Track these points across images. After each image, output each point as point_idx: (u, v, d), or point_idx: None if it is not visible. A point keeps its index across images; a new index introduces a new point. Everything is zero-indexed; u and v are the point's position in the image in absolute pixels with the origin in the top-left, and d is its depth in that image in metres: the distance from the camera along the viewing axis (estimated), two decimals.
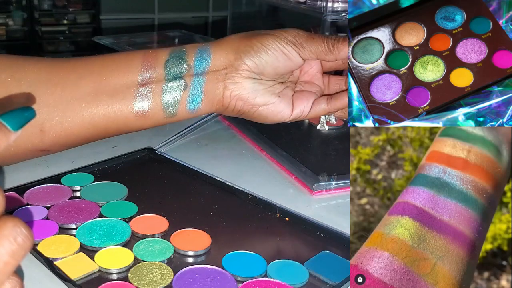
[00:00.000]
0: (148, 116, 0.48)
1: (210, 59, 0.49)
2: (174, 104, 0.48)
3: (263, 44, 0.48)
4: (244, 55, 0.48)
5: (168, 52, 0.49)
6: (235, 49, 0.49)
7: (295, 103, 0.50)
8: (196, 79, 0.49)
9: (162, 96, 0.48)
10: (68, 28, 3.13)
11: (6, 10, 2.99)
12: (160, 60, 0.49)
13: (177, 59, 0.49)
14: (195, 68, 0.49)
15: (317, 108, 0.51)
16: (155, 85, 0.48)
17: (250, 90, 0.49)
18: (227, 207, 0.50)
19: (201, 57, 0.49)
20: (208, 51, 0.49)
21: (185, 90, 0.48)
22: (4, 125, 0.29)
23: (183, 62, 0.48)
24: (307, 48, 0.49)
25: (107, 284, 0.38)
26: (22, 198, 0.48)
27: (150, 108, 0.48)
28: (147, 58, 0.48)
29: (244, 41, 0.49)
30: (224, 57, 0.49)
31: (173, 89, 0.48)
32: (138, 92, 0.48)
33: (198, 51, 0.49)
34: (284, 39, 0.48)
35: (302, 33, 0.49)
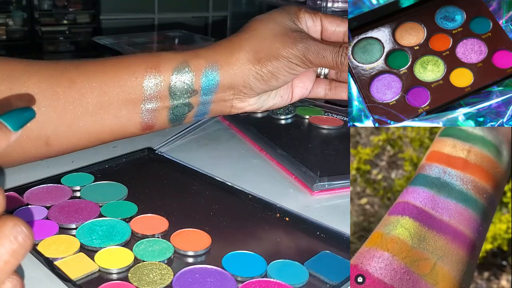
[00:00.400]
0: (154, 128, 0.49)
1: (218, 84, 0.47)
2: (180, 119, 0.49)
3: (273, 72, 0.47)
4: (254, 83, 0.47)
5: (172, 70, 0.47)
6: (245, 76, 0.47)
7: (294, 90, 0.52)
8: (202, 100, 0.48)
9: (168, 114, 0.48)
10: (68, 28, 3.13)
11: (6, 10, 2.99)
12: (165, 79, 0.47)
13: (182, 84, 0.47)
14: (202, 93, 0.48)
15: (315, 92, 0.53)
16: (161, 102, 0.47)
17: (257, 105, 0.51)
18: (227, 207, 0.50)
19: (208, 82, 0.47)
20: (216, 75, 0.47)
21: (190, 110, 0.49)
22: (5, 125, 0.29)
23: (189, 88, 0.47)
24: (315, 63, 0.48)
25: (107, 284, 0.38)
26: (22, 198, 0.48)
27: (156, 123, 0.49)
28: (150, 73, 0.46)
29: (254, 66, 0.47)
30: (231, 83, 0.47)
31: (179, 109, 0.48)
32: (144, 109, 0.47)
33: (205, 74, 0.47)
34: (294, 59, 0.47)
35: (312, 48, 0.47)
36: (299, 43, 0.47)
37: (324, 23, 0.51)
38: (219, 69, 0.47)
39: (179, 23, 3.00)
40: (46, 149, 0.47)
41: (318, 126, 0.69)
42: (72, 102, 0.46)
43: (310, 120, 0.70)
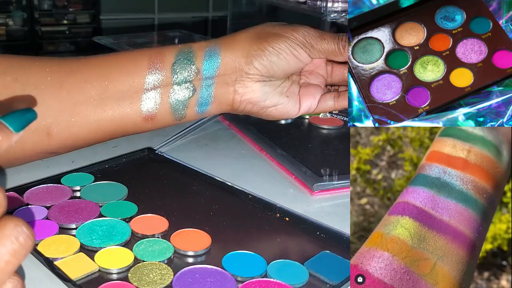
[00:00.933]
0: (156, 119, 0.48)
1: (220, 63, 0.47)
2: (182, 107, 0.48)
3: (274, 48, 0.47)
4: (255, 59, 0.47)
5: (175, 54, 0.47)
6: (245, 53, 0.47)
7: (302, 99, 0.51)
8: (205, 83, 0.48)
9: (170, 100, 0.47)
10: (68, 28, 3.13)
11: (6, 10, 2.99)
12: (167, 62, 0.47)
13: (184, 61, 0.47)
14: (204, 72, 0.47)
15: (324, 105, 0.52)
16: (163, 88, 0.47)
17: (260, 94, 0.49)
18: (227, 207, 0.50)
19: (210, 60, 0.47)
20: (217, 54, 0.47)
21: (193, 94, 0.48)
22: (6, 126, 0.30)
23: (191, 65, 0.47)
24: (317, 48, 0.48)
25: (107, 284, 0.38)
26: (22, 198, 0.48)
27: (158, 111, 0.48)
28: (153, 60, 0.47)
29: (255, 43, 0.47)
30: (234, 60, 0.47)
31: (181, 93, 0.47)
32: (146, 96, 0.47)
33: (207, 53, 0.47)
34: (294, 41, 0.47)
35: (312, 32, 0.48)
36: (299, 28, 0.48)
37: None
38: (221, 48, 0.48)
39: (179, 23, 3.00)
40: (47, 141, 0.46)
41: (318, 126, 0.69)
42: (74, 90, 0.46)
43: (310, 120, 0.70)
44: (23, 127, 0.30)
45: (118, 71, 0.47)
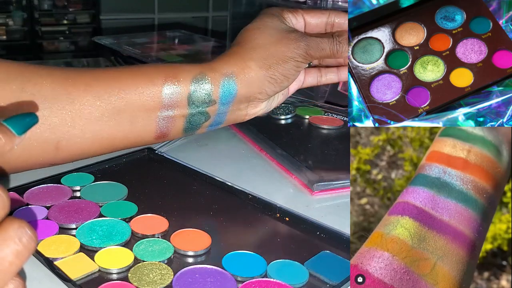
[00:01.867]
0: (168, 137, 0.50)
1: (235, 96, 0.48)
2: (195, 129, 0.50)
3: (285, 75, 0.49)
4: (269, 88, 0.49)
5: (191, 80, 0.47)
6: (260, 84, 0.49)
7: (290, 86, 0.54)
8: (219, 111, 0.49)
9: (184, 124, 0.49)
10: (68, 28, 3.13)
11: (6, 10, 2.99)
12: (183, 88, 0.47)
13: (201, 93, 0.47)
14: (220, 104, 0.48)
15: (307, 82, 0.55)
16: (178, 111, 0.47)
17: (266, 107, 0.52)
18: (227, 207, 0.50)
19: (227, 92, 0.48)
20: (234, 86, 0.48)
21: (207, 120, 0.49)
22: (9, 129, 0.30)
23: (208, 98, 0.48)
24: (315, 57, 0.50)
25: (107, 284, 0.38)
26: (22, 198, 0.48)
27: (171, 132, 0.49)
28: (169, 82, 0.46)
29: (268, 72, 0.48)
30: (248, 92, 0.49)
31: (196, 119, 0.49)
32: (160, 118, 0.47)
33: (224, 84, 0.48)
34: (298, 59, 0.49)
35: (312, 43, 0.49)
36: (300, 42, 0.49)
37: (306, 18, 0.53)
38: (236, 79, 0.48)
39: (179, 23, 3.00)
40: (54, 154, 0.45)
41: (318, 126, 0.69)
42: (87, 106, 0.44)
43: (310, 120, 0.70)
44: (25, 131, 0.31)
45: (132, 91, 0.46)
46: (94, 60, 1.15)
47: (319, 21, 0.53)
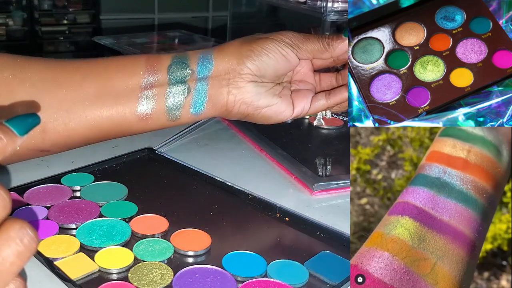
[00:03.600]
0: (151, 119, 0.49)
1: (213, 64, 0.49)
2: (177, 107, 0.49)
3: (263, 47, 0.49)
4: (246, 59, 0.49)
5: (171, 57, 0.50)
6: (237, 54, 0.49)
7: (295, 102, 0.52)
8: (199, 84, 0.49)
9: (165, 100, 0.49)
10: (68, 28, 3.13)
11: (6, 10, 2.99)
12: (163, 64, 0.49)
13: (180, 64, 0.49)
14: (198, 73, 0.49)
15: (317, 104, 0.53)
16: (159, 88, 0.48)
17: (253, 93, 0.50)
18: (227, 207, 0.50)
19: (204, 62, 0.49)
20: (211, 57, 0.50)
21: (188, 94, 0.49)
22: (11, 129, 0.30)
23: (186, 67, 0.49)
24: (303, 48, 0.50)
25: (107, 284, 0.38)
26: (22, 198, 0.48)
27: (153, 111, 0.49)
28: (150, 62, 0.49)
29: (245, 45, 0.50)
30: (226, 62, 0.49)
31: (177, 93, 0.49)
32: (142, 95, 0.48)
33: (201, 57, 0.50)
34: (282, 42, 0.50)
35: (297, 34, 0.51)
36: (285, 32, 0.51)
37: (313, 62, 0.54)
38: (214, 52, 0.50)
39: (179, 23, 3.00)
40: (41, 138, 0.47)
41: (318, 126, 0.69)
42: (72, 89, 0.47)
43: (310, 120, 0.70)
44: (27, 131, 0.31)
45: (116, 71, 0.48)
46: None
47: None
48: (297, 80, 0.53)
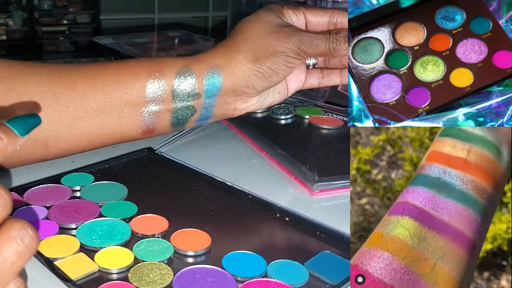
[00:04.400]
0: (155, 132, 0.49)
1: (221, 87, 0.48)
2: (182, 124, 0.49)
3: (274, 69, 0.47)
4: (256, 83, 0.48)
5: (175, 73, 0.47)
6: (246, 77, 0.47)
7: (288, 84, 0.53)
8: (205, 104, 0.48)
9: (170, 118, 0.48)
10: (68, 28, 3.13)
11: (6, 10, 2.99)
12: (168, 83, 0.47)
13: (186, 87, 0.47)
14: (205, 96, 0.48)
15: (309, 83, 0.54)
16: (163, 105, 0.47)
17: (258, 103, 0.51)
18: (227, 207, 0.50)
19: (211, 84, 0.47)
20: (218, 78, 0.47)
21: (194, 114, 0.49)
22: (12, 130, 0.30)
23: (192, 91, 0.47)
24: (309, 53, 0.48)
25: (107, 284, 0.38)
26: (22, 198, 0.48)
27: (158, 127, 0.48)
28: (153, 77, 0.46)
29: (255, 66, 0.47)
30: (235, 85, 0.48)
31: (182, 113, 0.48)
32: (146, 111, 0.47)
33: (208, 77, 0.47)
34: (289, 54, 0.47)
35: (305, 39, 0.48)
36: (292, 36, 0.47)
37: (307, 16, 0.51)
38: (221, 72, 0.47)
39: (179, 23, 3.00)
40: (44, 151, 0.46)
41: (318, 126, 0.69)
42: (73, 104, 0.45)
43: (310, 120, 0.70)
44: (27, 132, 0.31)
45: (116, 88, 0.46)
46: (94, 60, 1.15)
47: (321, 20, 0.51)
48: None
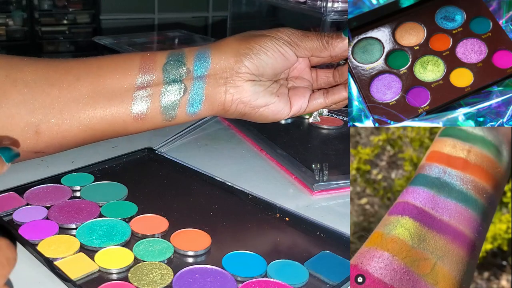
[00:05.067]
0: (147, 119, 0.48)
1: (210, 63, 0.48)
2: (173, 107, 0.48)
3: (262, 46, 0.48)
4: (244, 57, 0.48)
5: (166, 55, 0.48)
6: (234, 52, 0.48)
7: (292, 100, 0.51)
8: (196, 83, 0.48)
9: (160, 100, 0.48)
10: (68, 28, 3.13)
11: (6, 10, 2.99)
12: (158, 63, 0.48)
13: (175, 62, 0.48)
14: (195, 71, 0.48)
15: (315, 103, 0.52)
16: (154, 88, 0.47)
17: (251, 93, 0.49)
18: (227, 207, 0.50)
19: (201, 61, 0.48)
20: (208, 54, 0.49)
21: (184, 93, 0.48)
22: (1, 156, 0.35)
23: (182, 66, 0.48)
24: (302, 46, 0.49)
25: (107, 284, 0.38)
26: (22, 198, 0.48)
27: (149, 111, 0.48)
28: (145, 61, 0.48)
29: (243, 43, 0.49)
30: (224, 60, 0.48)
31: (172, 93, 0.48)
32: (136, 95, 0.47)
33: (197, 54, 0.49)
34: (280, 39, 0.49)
35: (295, 31, 0.50)
36: (283, 28, 0.50)
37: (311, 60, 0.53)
38: (211, 50, 0.49)
39: (179, 23, 3.00)
40: (35, 139, 0.46)
41: (318, 126, 0.69)
42: (65, 88, 0.46)
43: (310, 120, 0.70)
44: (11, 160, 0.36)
45: (110, 70, 0.47)
46: None
47: None
48: (294, 77, 0.53)
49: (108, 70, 0.47)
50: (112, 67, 0.47)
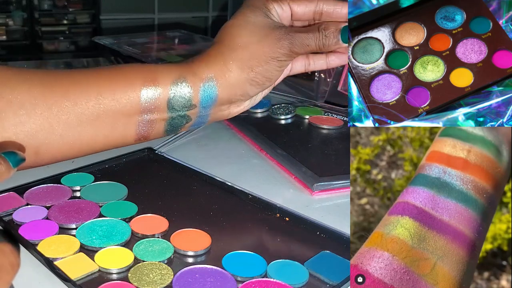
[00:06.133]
0: (149, 138, 0.48)
1: (217, 98, 0.47)
2: (176, 129, 0.48)
3: (267, 77, 0.47)
4: (251, 91, 0.48)
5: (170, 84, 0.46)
6: (241, 85, 0.47)
7: None
8: (200, 114, 0.48)
9: (165, 127, 0.47)
10: (68, 28, 3.13)
11: (6, 10, 2.99)
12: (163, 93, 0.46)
13: (181, 98, 0.46)
14: (201, 107, 0.47)
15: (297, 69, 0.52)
16: (157, 115, 0.46)
17: (250, 103, 0.50)
18: (227, 207, 0.50)
19: (207, 97, 0.47)
20: (214, 90, 0.47)
21: (188, 122, 0.48)
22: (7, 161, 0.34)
23: (188, 102, 0.46)
24: (300, 53, 0.48)
25: (107, 284, 0.38)
26: (22, 198, 0.48)
27: (152, 134, 0.47)
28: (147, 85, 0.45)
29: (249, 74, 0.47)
30: (230, 95, 0.47)
31: (177, 122, 0.47)
32: (140, 122, 0.46)
33: (204, 89, 0.46)
34: (281, 58, 0.47)
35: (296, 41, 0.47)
36: (284, 40, 0.47)
37: (292, 7, 0.50)
38: (216, 83, 0.47)
39: (179, 23, 3.00)
40: (34, 158, 0.44)
41: (318, 126, 0.69)
42: (65, 112, 0.43)
43: (310, 120, 0.70)
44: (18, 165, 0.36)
45: (110, 95, 0.45)
46: (94, 60, 1.15)
47: (306, 10, 0.50)
48: None
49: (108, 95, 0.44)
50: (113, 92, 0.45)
